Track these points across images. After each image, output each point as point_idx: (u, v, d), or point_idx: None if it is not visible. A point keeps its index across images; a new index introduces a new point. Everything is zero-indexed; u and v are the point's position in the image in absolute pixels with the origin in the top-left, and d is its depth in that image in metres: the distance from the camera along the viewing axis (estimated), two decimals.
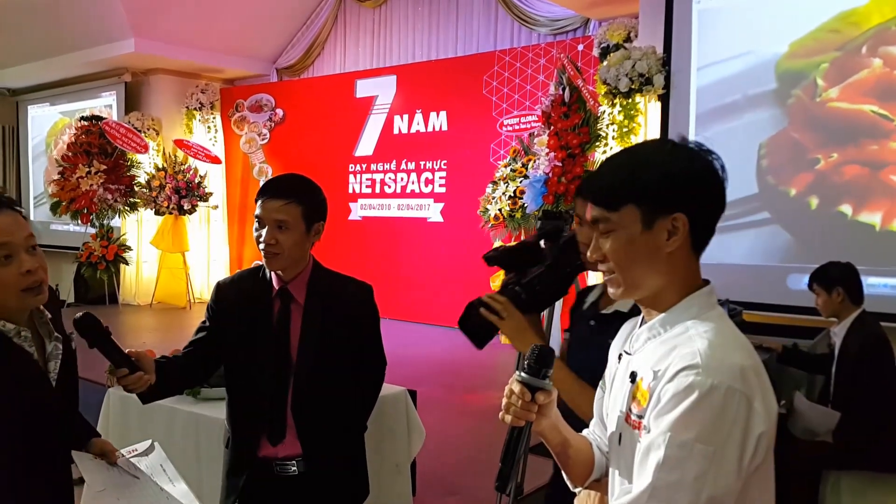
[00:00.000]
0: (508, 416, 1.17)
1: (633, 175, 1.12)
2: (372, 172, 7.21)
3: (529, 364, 1.17)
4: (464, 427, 3.77)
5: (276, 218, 1.90)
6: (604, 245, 1.14)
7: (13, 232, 1.40)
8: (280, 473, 1.93)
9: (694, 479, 0.98)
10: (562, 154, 5.03)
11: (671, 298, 1.13)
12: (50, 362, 1.51)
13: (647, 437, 1.03)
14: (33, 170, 9.89)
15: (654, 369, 1.06)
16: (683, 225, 1.10)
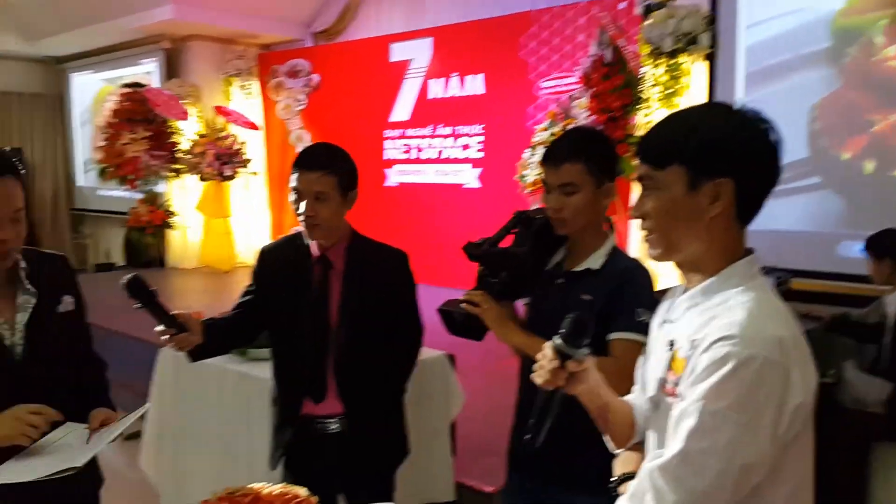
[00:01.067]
0: (539, 379, 1.21)
1: (683, 135, 1.11)
2: (407, 138, 7.18)
3: (564, 332, 1.19)
4: (502, 391, 3.79)
5: (314, 189, 1.95)
6: (646, 203, 1.15)
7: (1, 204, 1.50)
8: (321, 430, 2.02)
9: (725, 446, 0.98)
10: (602, 117, 4.94)
11: (711, 265, 1.12)
12: (18, 313, 1.60)
13: (680, 404, 1.04)
14: (80, 136, 10.12)
15: (692, 339, 1.07)
16: (728, 191, 1.09)
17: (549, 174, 1.73)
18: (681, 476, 1.01)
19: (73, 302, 1.72)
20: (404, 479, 2.31)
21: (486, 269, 1.84)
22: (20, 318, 1.60)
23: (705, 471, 0.99)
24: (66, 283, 1.73)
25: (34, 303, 1.62)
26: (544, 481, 1.75)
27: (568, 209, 1.70)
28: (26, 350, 1.61)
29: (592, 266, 1.72)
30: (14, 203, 1.54)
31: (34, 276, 1.65)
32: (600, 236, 1.76)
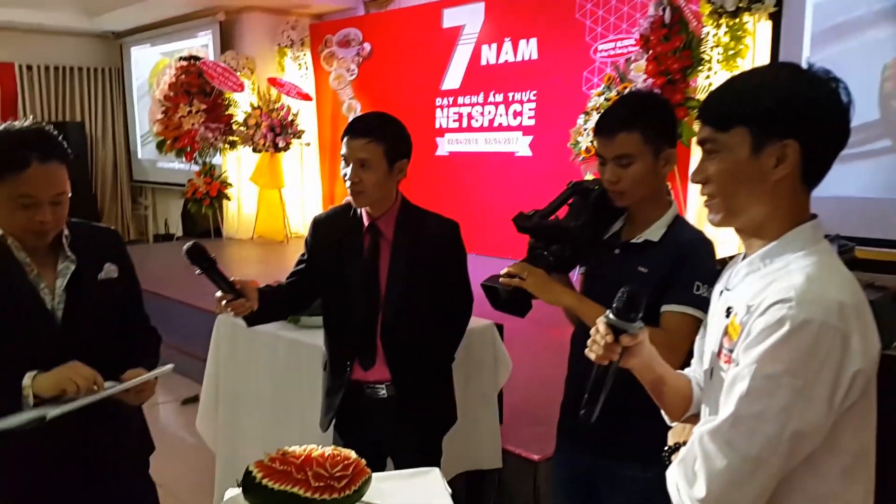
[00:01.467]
0: (593, 354, 1.20)
1: (747, 96, 1.07)
2: (459, 106, 7.11)
3: (617, 307, 1.17)
4: (550, 361, 3.78)
5: (359, 157, 1.95)
6: (708, 167, 1.11)
7: (42, 187, 1.56)
8: (371, 396, 2.05)
9: (779, 412, 0.96)
10: (661, 80, 4.77)
11: (774, 230, 1.08)
12: (58, 279, 1.67)
13: (734, 368, 1.01)
14: (138, 109, 10.38)
15: (749, 304, 1.04)
16: (794, 153, 1.05)
17: (603, 146, 1.66)
18: (732, 440, 0.98)
19: (115, 270, 1.76)
20: (452, 446, 2.33)
21: (537, 241, 1.80)
22: (59, 283, 1.67)
23: (756, 436, 0.97)
24: (111, 253, 1.78)
25: (73, 269, 1.68)
26: (594, 453, 1.73)
27: (625, 181, 1.63)
28: (66, 315, 1.67)
29: (651, 237, 1.65)
30: (56, 187, 1.59)
31: (76, 244, 1.71)
32: (661, 206, 1.68)
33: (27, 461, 1.66)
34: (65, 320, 1.67)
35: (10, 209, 1.57)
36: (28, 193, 1.55)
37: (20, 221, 1.58)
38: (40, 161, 1.55)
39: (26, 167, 1.53)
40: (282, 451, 1.40)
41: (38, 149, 1.55)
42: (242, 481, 1.37)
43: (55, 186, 1.58)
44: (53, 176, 1.58)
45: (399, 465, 2.09)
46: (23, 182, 1.54)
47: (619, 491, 1.71)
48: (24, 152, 1.54)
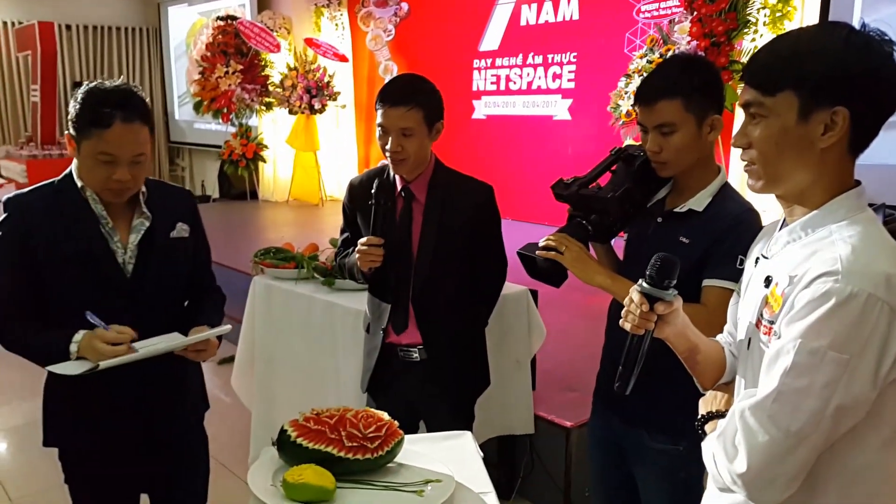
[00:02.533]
0: (628, 324, 1.18)
1: (796, 59, 1.02)
2: (497, 68, 6.99)
3: (651, 275, 1.15)
4: (584, 328, 3.77)
5: (400, 126, 1.93)
6: (752, 132, 1.07)
7: (122, 147, 1.60)
8: (404, 358, 2.06)
9: (823, 387, 0.93)
10: (705, 43, 4.62)
11: (817, 197, 1.05)
12: (132, 234, 1.72)
13: (776, 342, 0.99)
14: (176, 70, 10.45)
15: (791, 274, 1.00)
16: (844, 120, 1.01)
17: (644, 114, 1.58)
18: (774, 416, 0.96)
19: (187, 230, 1.81)
20: (484, 411, 2.33)
21: (575, 210, 1.75)
22: (132, 238, 1.72)
23: (800, 411, 0.95)
24: (184, 212, 1.83)
25: (147, 226, 1.74)
26: (625, 423, 1.71)
27: (667, 151, 1.57)
28: (136, 269, 1.72)
29: (695, 207, 1.59)
30: (136, 148, 1.62)
31: (152, 202, 1.76)
32: (708, 174, 1.61)
33: (89, 413, 1.73)
34: (134, 274, 1.72)
35: (91, 165, 1.62)
36: (108, 151, 1.59)
37: (99, 178, 1.63)
38: (122, 121, 1.58)
39: (108, 126, 1.57)
40: (316, 411, 1.41)
41: (122, 108, 1.58)
42: (277, 439, 1.38)
43: (135, 147, 1.61)
44: (134, 136, 1.61)
45: (431, 428, 2.11)
46: (104, 140, 1.58)
47: (647, 462, 1.70)
48: (108, 111, 1.57)
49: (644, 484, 1.72)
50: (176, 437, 1.86)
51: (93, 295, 1.67)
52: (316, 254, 3.00)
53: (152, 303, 1.74)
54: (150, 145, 1.67)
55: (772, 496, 0.99)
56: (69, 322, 1.62)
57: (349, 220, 2.16)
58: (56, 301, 1.68)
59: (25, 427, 3.66)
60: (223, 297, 1.97)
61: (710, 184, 1.61)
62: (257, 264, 3.00)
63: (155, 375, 1.73)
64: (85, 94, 1.62)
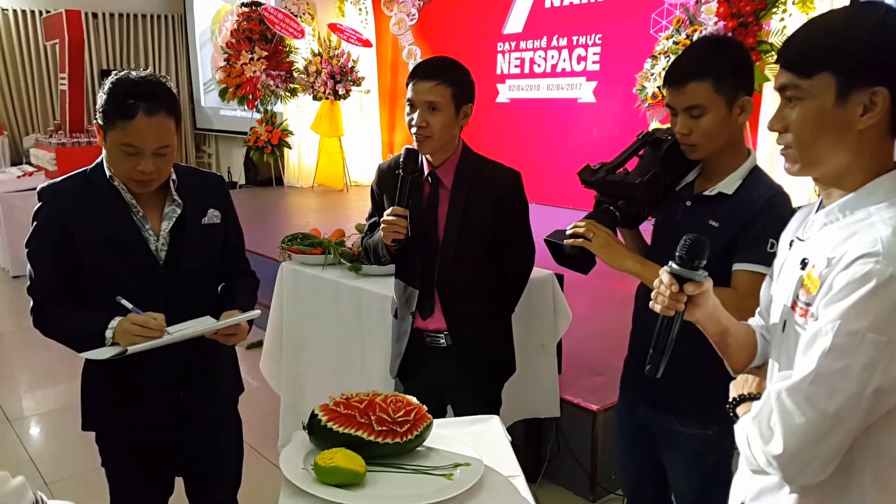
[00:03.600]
0: (658, 306, 1.18)
1: (834, 40, 1.01)
2: (521, 51, 6.93)
3: (681, 255, 1.15)
4: (610, 312, 3.75)
5: (427, 99, 1.92)
6: (789, 115, 1.06)
7: (146, 139, 1.60)
8: (431, 344, 2.07)
9: (862, 368, 0.93)
10: (733, 23, 4.53)
11: (856, 179, 1.04)
12: (163, 221, 1.74)
13: (814, 324, 0.98)
14: (201, 57, 10.51)
15: (829, 256, 0.99)
16: (884, 101, 0.99)
17: (673, 96, 1.57)
18: (811, 397, 0.96)
19: (218, 216, 1.82)
20: (511, 394, 2.34)
21: (603, 196, 1.74)
22: (164, 225, 1.74)
23: (838, 393, 0.94)
24: (215, 198, 1.84)
25: (179, 213, 1.75)
26: (654, 407, 1.71)
27: (697, 133, 1.55)
28: (169, 255, 1.74)
29: (725, 190, 1.57)
30: (161, 140, 1.62)
31: (182, 188, 1.77)
32: (738, 157, 1.60)
33: (127, 398, 1.77)
34: (167, 261, 1.73)
35: (117, 156, 1.63)
36: (132, 143, 1.60)
37: (124, 169, 1.64)
38: (147, 113, 1.58)
39: (132, 117, 1.57)
40: (346, 396, 1.43)
41: (147, 100, 1.58)
42: (308, 423, 1.40)
43: (159, 139, 1.61)
44: (159, 128, 1.61)
45: (458, 412, 2.12)
46: (129, 132, 1.59)
47: (674, 446, 1.69)
48: (132, 102, 1.58)
49: (672, 468, 1.72)
50: (211, 421, 1.89)
51: (127, 282, 1.69)
52: (342, 239, 3.02)
53: (185, 289, 1.75)
54: (175, 137, 1.66)
55: (808, 477, 0.98)
56: (105, 309, 1.65)
57: (377, 203, 2.16)
58: (92, 288, 1.71)
59: (60, 411, 3.76)
60: (257, 282, 1.98)
61: (740, 166, 1.59)
62: (284, 250, 3.03)
63: (190, 359, 1.76)
64: (112, 85, 1.62)
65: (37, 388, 4.17)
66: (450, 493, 1.26)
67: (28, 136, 9.53)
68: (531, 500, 1.30)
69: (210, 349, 1.79)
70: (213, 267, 1.85)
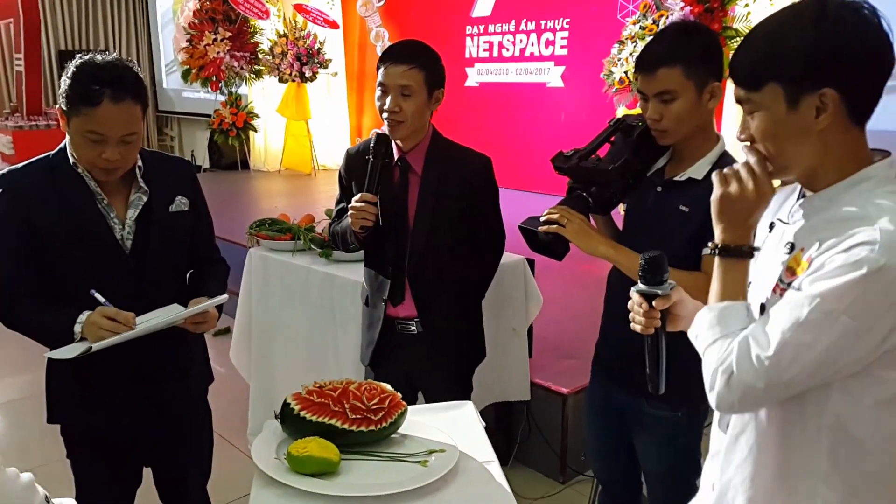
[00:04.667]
0: (637, 326, 1.21)
1: (771, 50, 1.03)
2: (490, 35, 6.91)
3: (642, 275, 1.19)
4: (581, 296, 3.79)
5: (400, 84, 1.90)
6: (750, 125, 1.08)
7: (111, 126, 1.55)
8: (402, 331, 2.06)
9: (826, 347, 0.96)
10: (698, 8, 4.56)
11: (832, 174, 1.05)
12: (129, 210, 1.70)
13: (793, 293, 0.99)
14: (163, 37, 10.26)
15: (820, 238, 1.00)
16: (833, 101, 1.00)
17: (644, 82, 1.58)
18: (773, 365, 0.98)
19: (186, 203, 1.78)
20: (482, 379, 2.35)
21: (576, 182, 1.75)
22: (130, 213, 1.69)
23: (795, 364, 0.97)
24: (183, 185, 1.80)
25: (145, 200, 1.71)
26: (626, 390, 1.73)
27: (667, 119, 1.57)
28: (136, 244, 1.69)
29: (695, 175, 1.59)
30: (126, 127, 1.57)
31: (149, 175, 1.72)
32: (708, 142, 1.62)
33: (93, 389, 1.73)
34: (133, 250, 1.69)
35: (81, 143, 1.59)
36: (97, 131, 1.55)
37: (88, 156, 1.59)
38: (112, 100, 1.53)
39: (97, 104, 1.52)
40: (318, 384, 1.42)
41: (113, 86, 1.53)
42: (280, 412, 1.39)
43: (125, 126, 1.57)
44: (125, 115, 1.56)
45: (430, 399, 2.12)
46: (93, 119, 1.54)
47: (648, 428, 1.72)
48: (97, 88, 1.52)
49: (643, 450, 1.75)
50: (179, 411, 1.86)
51: (94, 271, 1.65)
52: (312, 225, 2.99)
53: (154, 278, 1.72)
54: (142, 124, 1.61)
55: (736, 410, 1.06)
56: (74, 299, 1.61)
57: (345, 189, 2.13)
58: (59, 279, 1.67)
59: (23, 401, 3.67)
60: (227, 269, 1.95)
61: (709, 152, 1.61)
62: (253, 236, 2.99)
63: (158, 349, 1.72)
64: (76, 69, 1.56)
65: (3, 377, 4.07)
66: (425, 479, 1.27)
67: None
68: (506, 485, 1.31)
69: (181, 339, 1.76)
70: (181, 255, 1.81)
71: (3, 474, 0.79)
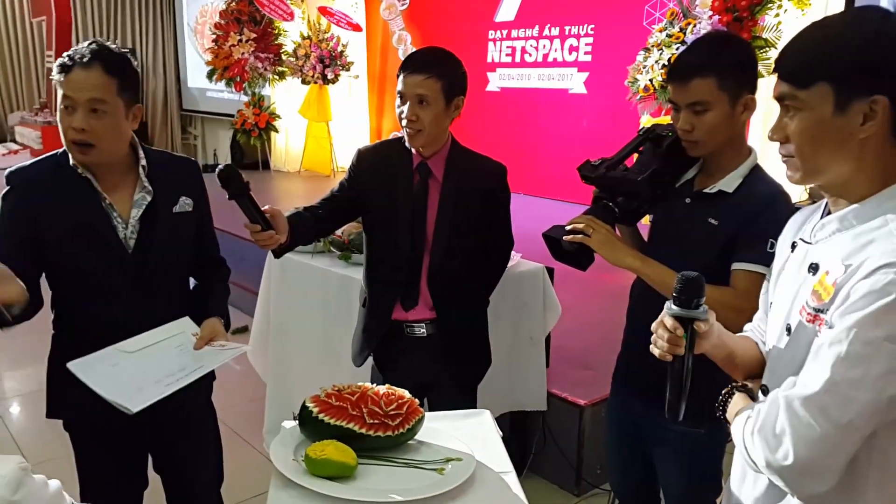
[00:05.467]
0: (657, 350, 1.15)
1: (829, 49, 1.00)
2: (512, 39, 6.89)
3: (677, 296, 1.11)
4: (600, 306, 3.75)
5: (417, 93, 1.90)
6: (788, 125, 1.05)
7: (77, 90, 1.56)
8: (409, 334, 2.05)
9: (877, 377, 0.91)
10: (727, 17, 4.52)
11: (861, 188, 1.03)
12: (133, 209, 1.69)
13: (828, 332, 0.96)
14: (189, 37, 10.36)
15: (846, 263, 0.97)
16: (884, 109, 0.98)
17: (677, 92, 1.56)
18: (826, 408, 0.94)
19: (191, 203, 1.77)
20: (498, 387, 2.34)
21: (602, 192, 1.73)
22: (134, 213, 1.68)
23: (852, 403, 0.93)
24: (189, 186, 1.78)
25: (149, 200, 1.70)
26: (646, 405, 1.71)
27: (699, 130, 1.54)
28: (138, 244, 1.68)
29: (725, 188, 1.57)
30: (91, 91, 1.56)
31: (153, 174, 1.71)
32: (739, 155, 1.59)
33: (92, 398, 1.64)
34: (136, 249, 1.68)
35: (61, 118, 1.60)
36: (67, 95, 1.57)
37: (63, 129, 1.59)
38: (82, 66, 1.57)
39: (69, 71, 1.57)
40: (337, 388, 1.41)
41: (85, 55, 1.58)
42: (299, 414, 1.38)
43: (90, 90, 1.56)
44: (91, 80, 1.56)
45: (434, 404, 2.11)
46: (65, 85, 1.57)
47: (666, 443, 1.69)
48: (72, 59, 1.58)
49: (662, 466, 1.73)
50: (183, 419, 1.82)
51: (96, 270, 1.65)
52: None
53: (156, 278, 1.70)
54: (117, 100, 1.59)
55: (816, 487, 0.97)
56: (76, 297, 1.64)
57: (348, 181, 2.09)
58: (57, 278, 1.67)
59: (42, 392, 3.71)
60: (228, 271, 1.93)
61: (741, 165, 1.58)
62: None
63: None
64: None
65: (18, 369, 4.11)
66: (441, 487, 1.25)
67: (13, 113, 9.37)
68: (522, 496, 1.30)
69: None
70: (184, 256, 1.79)
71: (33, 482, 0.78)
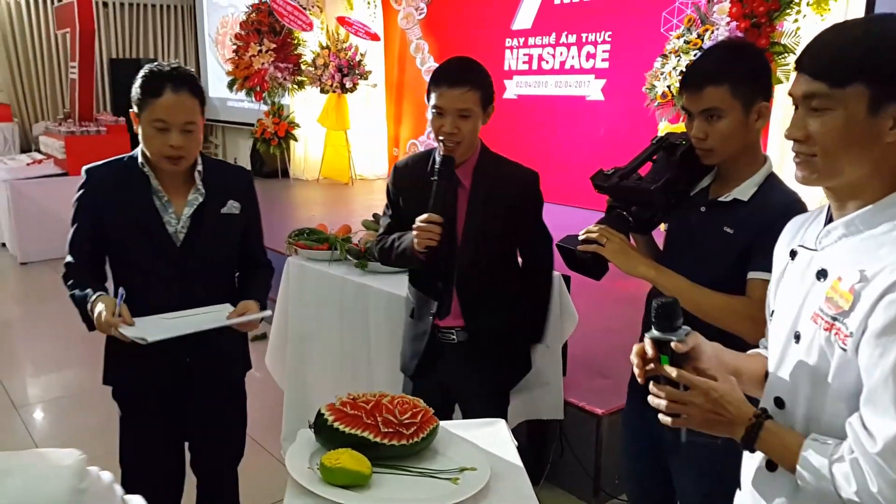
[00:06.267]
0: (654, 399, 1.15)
1: (869, 49, 0.98)
2: (529, 47, 6.90)
3: (655, 321, 1.11)
4: (617, 315, 3.73)
5: (459, 107, 1.92)
6: (811, 124, 1.02)
7: (173, 113, 1.77)
8: (441, 340, 2.06)
9: None
10: (745, 23, 4.50)
11: (874, 191, 1.01)
12: (186, 208, 1.89)
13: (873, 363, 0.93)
14: (210, 47, 10.49)
15: (861, 269, 0.96)
16: None
17: (690, 100, 1.55)
18: None
19: (238, 207, 1.96)
20: (515, 395, 2.33)
21: (616, 202, 1.73)
22: (186, 211, 1.89)
23: None
24: (238, 191, 1.97)
25: (201, 201, 1.90)
26: None
27: (713, 138, 1.53)
28: (186, 240, 1.88)
29: (740, 196, 1.55)
30: (186, 115, 1.78)
31: (208, 179, 1.92)
32: (754, 163, 1.58)
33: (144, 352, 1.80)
34: (184, 244, 1.88)
35: (150, 134, 1.80)
36: (161, 118, 1.77)
37: (156, 146, 1.79)
38: (172, 90, 1.76)
39: (160, 94, 1.76)
40: (352, 396, 1.42)
41: (172, 80, 1.77)
42: (314, 423, 1.39)
43: (184, 114, 1.78)
44: (183, 104, 1.77)
45: (466, 410, 2.11)
46: (157, 108, 1.76)
47: (682, 454, 1.68)
48: (160, 82, 1.77)
49: (679, 475, 1.71)
50: (217, 389, 2.02)
51: (146, 261, 1.86)
52: (349, 235, 3.01)
53: (201, 271, 1.89)
54: (200, 119, 1.82)
55: None
56: (129, 283, 1.83)
57: (393, 204, 2.14)
58: (116, 263, 1.91)
59: (65, 399, 3.76)
60: (272, 271, 2.11)
61: (756, 173, 1.57)
62: (291, 245, 3.03)
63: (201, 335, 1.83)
64: (144, 73, 1.81)
65: (42, 375, 4.17)
66: (456, 497, 1.25)
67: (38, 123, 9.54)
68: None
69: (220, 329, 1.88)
70: (227, 253, 1.97)
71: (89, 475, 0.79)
